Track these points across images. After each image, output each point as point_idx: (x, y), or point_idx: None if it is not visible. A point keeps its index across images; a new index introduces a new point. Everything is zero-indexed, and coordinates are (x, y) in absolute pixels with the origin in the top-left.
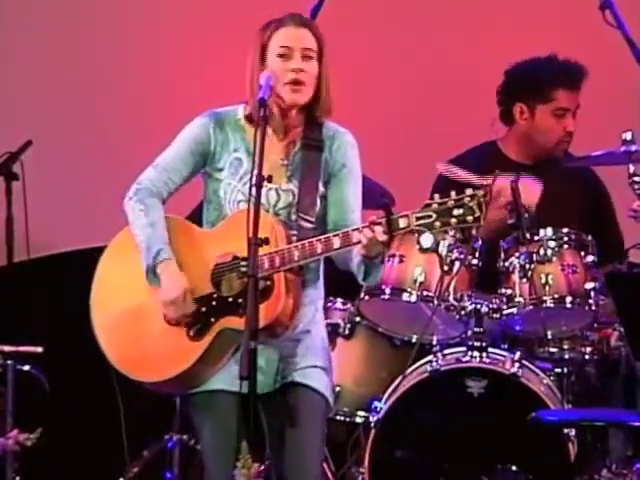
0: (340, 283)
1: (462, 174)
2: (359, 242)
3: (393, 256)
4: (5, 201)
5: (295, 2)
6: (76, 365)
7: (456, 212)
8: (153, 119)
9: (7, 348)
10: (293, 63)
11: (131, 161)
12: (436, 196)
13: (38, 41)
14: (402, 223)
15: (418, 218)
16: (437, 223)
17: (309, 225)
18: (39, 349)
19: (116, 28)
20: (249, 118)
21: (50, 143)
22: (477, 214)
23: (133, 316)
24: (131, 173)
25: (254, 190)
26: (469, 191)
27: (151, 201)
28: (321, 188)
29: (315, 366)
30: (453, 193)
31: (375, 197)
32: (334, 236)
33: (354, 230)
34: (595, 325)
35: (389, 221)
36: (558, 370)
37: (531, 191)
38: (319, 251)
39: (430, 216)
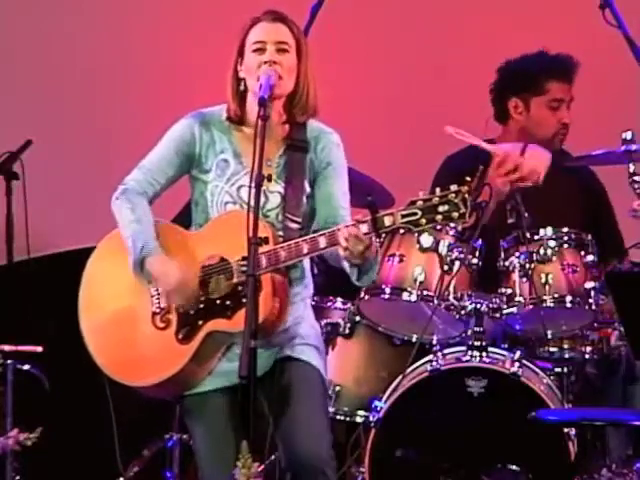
0: (340, 283)
1: (470, 138)
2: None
3: (393, 255)
4: (5, 201)
5: (295, 2)
6: (76, 365)
7: (441, 209)
8: (153, 119)
9: (7, 348)
10: (266, 56)
11: (131, 161)
12: (420, 193)
13: (38, 41)
14: (387, 221)
15: (403, 216)
16: (423, 220)
17: (295, 225)
18: (39, 349)
19: (116, 28)
20: (230, 119)
21: (50, 143)
22: (462, 210)
23: (122, 320)
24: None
25: (254, 189)
26: (454, 187)
27: (138, 199)
28: (307, 188)
29: (307, 344)
30: (438, 190)
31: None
32: (320, 236)
33: (339, 229)
34: (595, 325)
35: (374, 219)
36: (558, 370)
37: (536, 163)
38: (305, 251)
39: (415, 213)
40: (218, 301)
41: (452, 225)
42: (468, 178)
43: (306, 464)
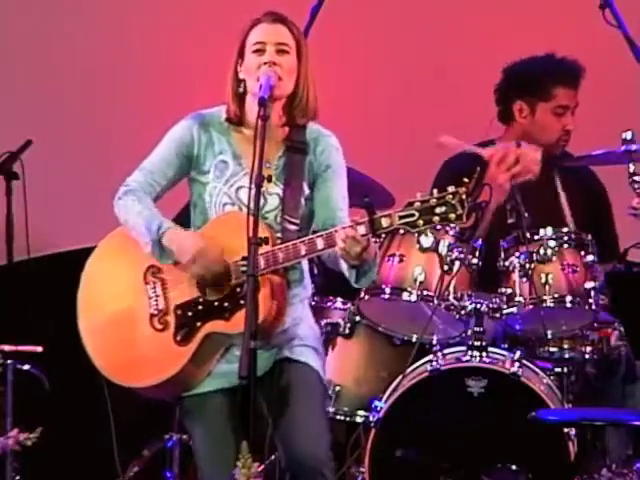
0: (340, 283)
1: (464, 145)
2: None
3: (393, 255)
4: (5, 201)
5: (295, 2)
6: (76, 365)
7: (438, 210)
8: (153, 119)
9: (7, 348)
10: (266, 57)
11: (131, 161)
12: (418, 194)
13: (38, 41)
14: (385, 222)
15: (401, 217)
16: (420, 221)
17: (294, 227)
18: (39, 349)
19: (116, 28)
20: (229, 120)
21: (50, 143)
22: (459, 211)
23: (120, 321)
24: (131, 173)
25: (254, 189)
26: (451, 189)
27: (141, 195)
28: (306, 190)
29: (306, 345)
30: (435, 191)
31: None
32: (317, 237)
33: (337, 231)
34: (595, 325)
35: (372, 221)
36: (558, 370)
37: (532, 156)
38: (303, 253)
39: (413, 215)
40: (216, 303)
41: (451, 226)
42: (466, 179)
43: (304, 465)
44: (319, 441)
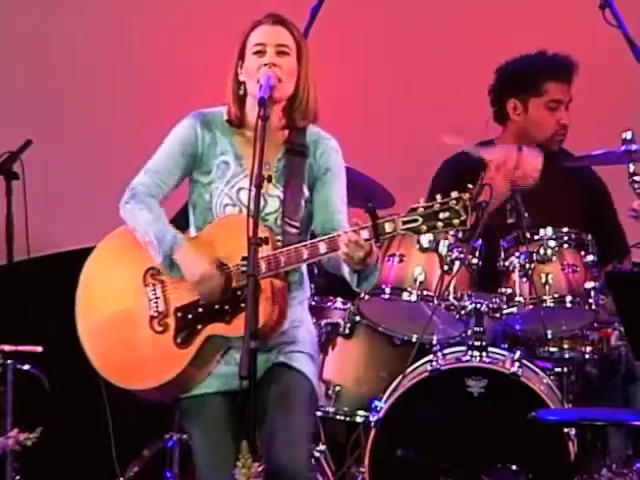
0: (340, 283)
1: (467, 145)
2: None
3: (393, 255)
4: (5, 201)
5: (295, 2)
6: (76, 365)
7: (442, 215)
8: (153, 119)
9: (7, 348)
10: (266, 58)
11: (131, 161)
12: (421, 200)
13: (38, 41)
14: (388, 227)
15: (404, 222)
16: (423, 227)
17: (294, 230)
18: (39, 349)
19: (116, 28)
20: (230, 122)
21: (50, 143)
22: (463, 217)
23: (119, 323)
24: (131, 173)
25: (254, 190)
26: (454, 194)
27: (149, 200)
28: (306, 193)
29: (302, 352)
30: (438, 196)
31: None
32: (320, 241)
33: (339, 235)
34: (595, 325)
35: (375, 225)
36: (558, 369)
37: (533, 162)
38: (305, 257)
39: (416, 220)
40: (217, 305)
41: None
42: (470, 185)
43: (283, 473)
44: (299, 450)
